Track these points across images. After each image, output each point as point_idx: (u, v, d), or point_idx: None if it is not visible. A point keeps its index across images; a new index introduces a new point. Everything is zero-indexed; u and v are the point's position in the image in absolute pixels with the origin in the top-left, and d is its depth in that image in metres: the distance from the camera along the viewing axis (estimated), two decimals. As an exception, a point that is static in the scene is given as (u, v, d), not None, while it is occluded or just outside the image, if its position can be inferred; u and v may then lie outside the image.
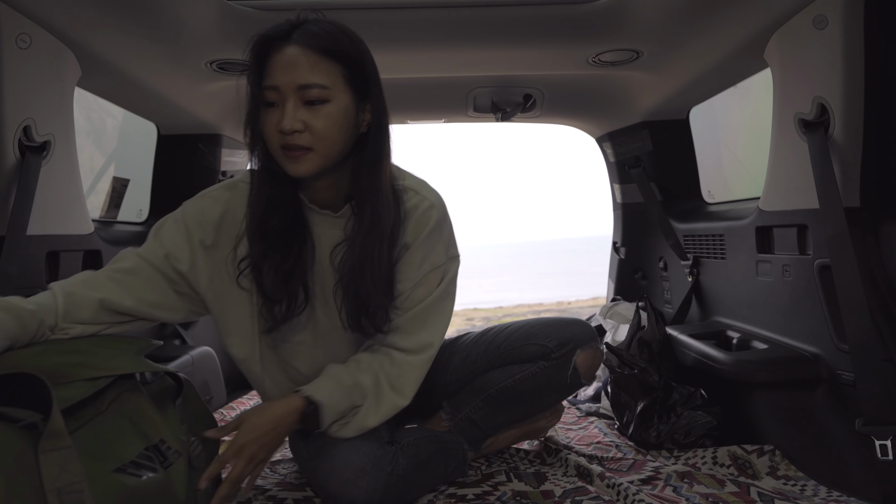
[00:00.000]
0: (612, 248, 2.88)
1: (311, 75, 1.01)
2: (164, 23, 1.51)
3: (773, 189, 1.62)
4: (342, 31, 1.06)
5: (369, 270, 1.09)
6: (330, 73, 1.03)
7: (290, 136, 1.02)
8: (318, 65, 1.02)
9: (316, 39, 1.02)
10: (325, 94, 1.02)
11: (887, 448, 1.13)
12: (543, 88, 2.25)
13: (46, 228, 1.45)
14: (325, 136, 1.03)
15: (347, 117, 1.06)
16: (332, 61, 1.03)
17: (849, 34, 1.29)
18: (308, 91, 1.02)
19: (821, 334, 1.44)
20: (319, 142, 1.03)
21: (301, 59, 1.01)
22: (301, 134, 1.02)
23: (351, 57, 1.05)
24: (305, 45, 1.02)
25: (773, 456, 1.41)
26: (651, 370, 1.65)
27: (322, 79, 1.02)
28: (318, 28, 1.04)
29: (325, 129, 1.03)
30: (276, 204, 1.11)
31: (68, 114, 1.54)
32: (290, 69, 1.01)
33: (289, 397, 1.09)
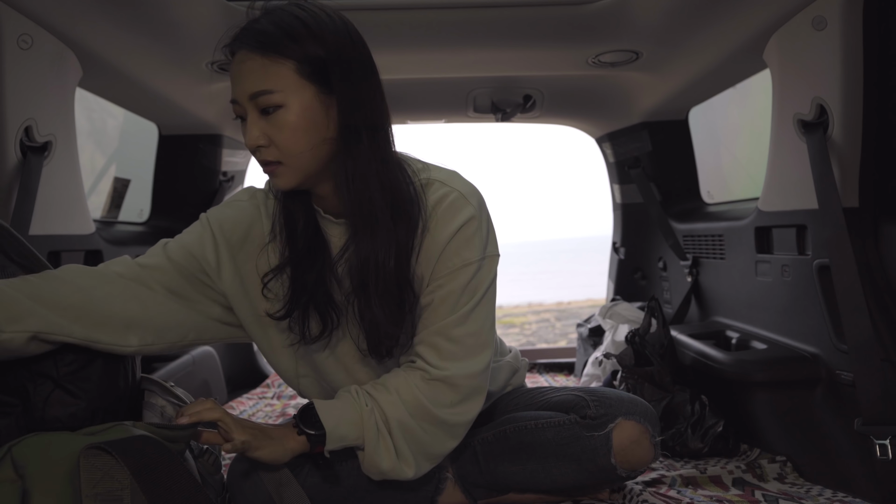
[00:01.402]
0: (611, 249, 2.88)
1: (258, 81, 0.88)
2: (164, 23, 1.52)
3: (772, 189, 1.62)
4: (294, 17, 0.90)
5: (371, 287, 0.96)
6: (278, 74, 0.88)
7: (258, 153, 0.92)
8: (265, 67, 0.88)
9: (260, 37, 0.88)
10: (274, 100, 0.88)
11: (886, 448, 1.14)
12: (543, 89, 2.26)
13: (48, 228, 1.46)
14: (288, 146, 0.90)
15: (311, 118, 0.90)
16: (278, 58, 0.88)
17: (848, 35, 1.29)
18: (258, 99, 0.89)
19: (820, 334, 1.45)
20: (285, 154, 0.91)
21: (248, 65, 0.89)
22: (267, 148, 0.91)
23: (301, 46, 0.88)
24: (250, 48, 0.89)
25: (784, 466, 1.41)
26: (665, 371, 1.65)
27: (268, 83, 0.88)
28: (267, 22, 0.90)
29: (286, 140, 0.90)
30: (293, 216, 1.02)
31: (69, 114, 1.55)
32: (241, 78, 0.90)
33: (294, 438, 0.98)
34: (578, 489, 1.19)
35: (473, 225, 0.99)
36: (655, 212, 2.40)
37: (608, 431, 1.11)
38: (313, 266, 1.01)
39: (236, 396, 2.34)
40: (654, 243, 2.56)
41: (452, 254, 0.98)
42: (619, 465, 1.11)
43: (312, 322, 1.02)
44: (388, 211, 0.94)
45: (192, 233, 1.05)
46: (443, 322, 0.98)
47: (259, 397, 2.34)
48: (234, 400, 2.25)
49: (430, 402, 0.97)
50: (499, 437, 1.16)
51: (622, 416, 1.11)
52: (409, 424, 0.97)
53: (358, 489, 1.10)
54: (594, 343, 2.35)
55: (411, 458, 0.98)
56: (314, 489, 1.08)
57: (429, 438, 0.99)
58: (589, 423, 1.12)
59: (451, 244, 0.98)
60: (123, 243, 1.91)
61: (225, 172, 2.50)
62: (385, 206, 0.94)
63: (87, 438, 0.78)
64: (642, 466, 1.14)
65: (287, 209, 1.01)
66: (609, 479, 1.15)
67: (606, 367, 2.00)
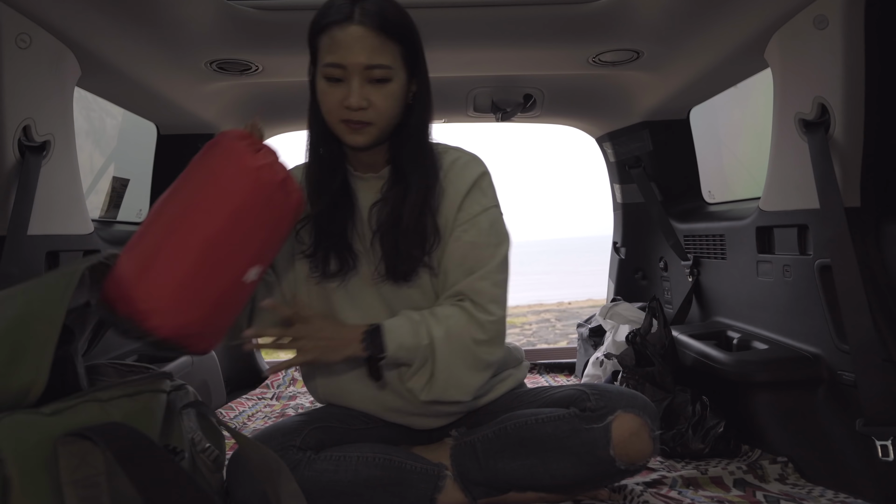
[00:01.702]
0: (612, 249, 2.88)
1: (376, 56, 1.06)
2: (164, 23, 1.51)
3: (773, 189, 1.62)
4: (399, 10, 1.11)
5: (403, 225, 1.14)
6: (392, 54, 1.08)
7: (354, 112, 1.08)
8: (382, 46, 1.07)
9: (379, 20, 1.06)
10: (388, 74, 1.08)
11: (888, 448, 1.13)
12: (543, 88, 2.25)
13: (46, 228, 1.45)
14: (385, 111, 1.10)
15: (403, 93, 1.13)
16: (393, 42, 1.08)
17: (849, 34, 1.29)
18: (373, 71, 1.07)
19: (821, 334, 1.44)
20: (380, 117, 1.10)
21: (367, 40, 1.06)
22: (365, 111, 1.08)
23: (408, 37, 1.11)
24: (370, 26, 1.06)
25: (786, 467, 1.40)
26: (666, 371, 1.64)
27: (386, 59, 1.07)
28: (377, 7, 1.07)
29: (386, 106, 1.10)
30: (327, 172, 1.19)
31: (68, 114, 1.54)
32: (356, 49, 1.05)
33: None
34: (578, 485, 1.20)
35: (487, 179, 1.21)
36: (656, 212, 2.39)
37: (607, 423, 1.13)
38: (335, 218, 1.18)
39: (235, 397, 2.33)
40: (655, 243, 2.56)
41: (473, 202, 1.18)
42: (618, 457, 1.12)
43: (332, 262, 1.19)
44: (423, 171, 1.16)
45: None
46: (487, 268, 1.16)
47: (258, 398, 2.34)
48: (233, 401, 2.25)
49: (472, 339, 1.12)
50: (499, 433, 1.18)
51: (621, 409, 1.14)
52: (449, 356, 1.12)
53: (356, 484, 1.10)
54: (595, 343, 2.34)
55: (443, 383, 1.13)
56: (312, 483, 1.08)
57: (461, 371, 1.13)
58: (588, 416, 1.14)
59: (470, 194, 1.18)
60: (122, 243, 1.90)
61: (224, 172, 2.49)
62: (423, 168, 1.16)
63: (58, 420, 0.77)
64: (641, 460, 1.15)
65: (323, 166, 1.18)
66: (608, 472, 1.15)
67: (607, 367, 2.00)
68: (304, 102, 1.19)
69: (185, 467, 0.93)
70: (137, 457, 0.73)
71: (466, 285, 1.15)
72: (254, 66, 1.84)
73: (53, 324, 0.82)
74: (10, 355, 0.79)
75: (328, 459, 1.11)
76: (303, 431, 1.14)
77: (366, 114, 1.08)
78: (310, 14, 1.56)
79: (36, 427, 0.74)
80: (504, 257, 1.19)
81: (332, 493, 1.10)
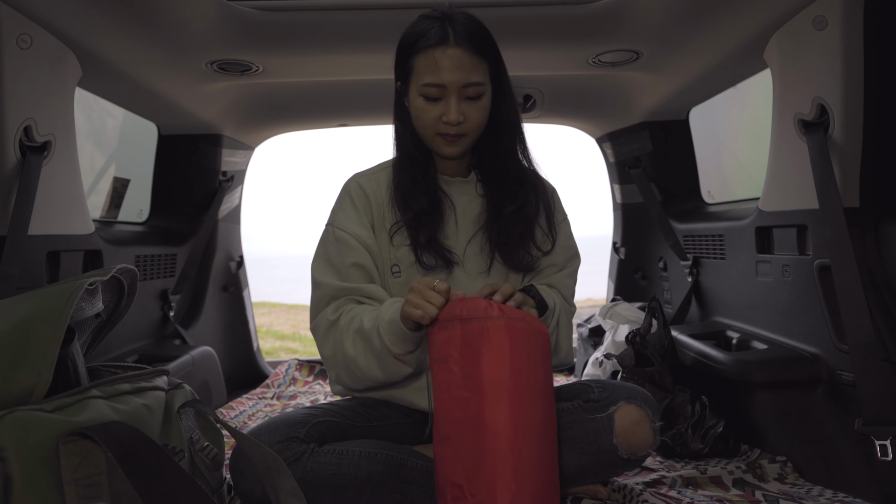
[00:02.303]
0: (612, 249, 2.88)
1: (472, 75, 1.16)
2: (164, 23, 1.52)
3: (772, 189, 1.62)
4: (483, 27, 1.20)
5: (511, 223, 1.26)
6: (484, 71, 1.18)
7: (452, 127, 1.18)
8: (477, 65, 1.16)
9: (472, 41, 1.16)
10: (482, 90, 1.18)
11: (887, 448, 1.13)
12: (543, 88, 2.25)
13: (47, 228, 1.45)
14: (478, 124, 1.21)
15: (489, 106, 1.23)
16: (484, 60, 1.18)
17: (848, 35, 1.29)
18: (469, 89, 1.17)
19: (820, 334, 1.44)
20: (473, 129, 1.21)
21: (465, 61, 1.15)
22: (462, 125, 1.18)
23: (495, 54, 1.22)
24: (466, 48, 1.15)
25: (785, 466, 1.41)
26: (665, 371, 1.65)
27: (480, 77, 1.17)
28: (468, 28, 1.17)
29: (479, 119, 1.20)
30: (419, 180, 1.26)
31: (69, 114, 1.54)
32: (455, 70, 1.15)
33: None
34: (581, 476, 1.22)
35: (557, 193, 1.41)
36: (656, 212, 2.39)
37: (610, 413, 1.17)
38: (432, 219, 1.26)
39: (236, 397, 2.34)
40: (655, 243, 2.56)
41: (558, 210, 1.36)
42: (621, 445, 1.16)
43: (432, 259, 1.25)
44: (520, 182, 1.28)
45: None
46: (572, 267, 1.36)
47: (259, 397, 2.34)
48: (233, 400, 2.25)
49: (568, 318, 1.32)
50: None
51: (624, 400, 1.19)
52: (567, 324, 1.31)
53: (358, 479, 1.11)
54: (594, 343, 2.35)
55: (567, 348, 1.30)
56: (315, 475, 1.09)
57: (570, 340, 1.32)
58: (592, 406, 1.20)
59: (555, 202, 1.37)
60: (123, 243, 1.91)
61: (224, 172, 2.50)
62: (528, 181, 1.29)
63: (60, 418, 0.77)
64: (643, 450, 1.18)
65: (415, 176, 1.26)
66: (610, 462, 1.19)
67: (607, 367, 2.00)
68: (304, 103, 1.20)
69: (185, 467, 0.93)
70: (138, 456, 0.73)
71: (557, 280, 1.32)
72: (254, 66, 1.84)
73: (57, 327, 0.83)
74: (14, 357, 0.79)
75: (331, 453, 1.12)
76: (307, 424, 1.15)
77: (461, 127, 1.19)
78: (310, 14, 1.58)
79: (38, 425, 0.75)
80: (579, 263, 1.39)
81: (335, 486, 1.10)
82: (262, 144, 2.70)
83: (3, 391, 0.77)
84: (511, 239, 1.27)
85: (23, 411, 0.75)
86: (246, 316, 2.83)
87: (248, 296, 2.90)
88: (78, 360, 0.97)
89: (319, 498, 1.08)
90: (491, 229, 1.28)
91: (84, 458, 0.73)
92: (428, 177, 1.28)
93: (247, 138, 2.57)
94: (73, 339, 0.97)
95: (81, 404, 0.83)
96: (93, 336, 1.13)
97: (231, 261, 2.75)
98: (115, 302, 1.13)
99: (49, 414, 0.78)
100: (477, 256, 1.28)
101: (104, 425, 0.78)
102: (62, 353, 0.91)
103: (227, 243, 2.69)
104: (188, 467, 0.94)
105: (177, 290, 2.26)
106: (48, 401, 0.80)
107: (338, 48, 1.74)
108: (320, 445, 1.13)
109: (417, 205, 1.25)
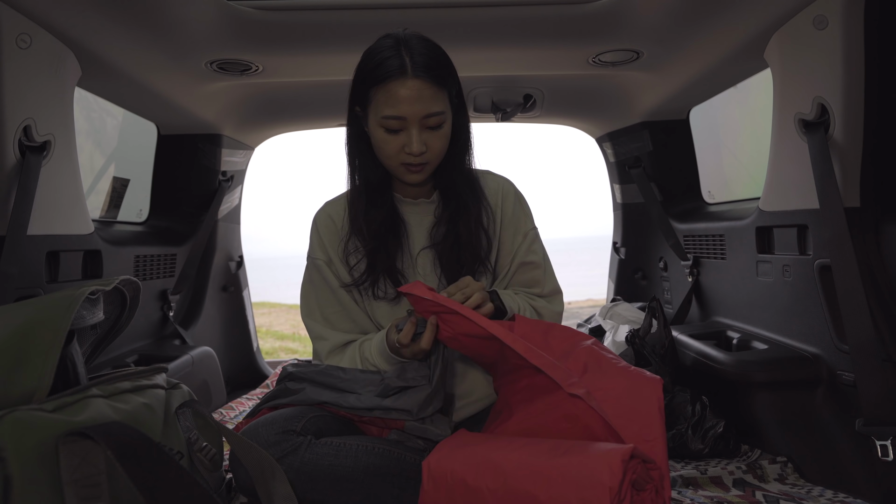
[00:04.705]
0: (612, 249, 2.88)
1: (433, 105, 1.16)
2: (164, 23, 1.51)
3: (773, 189, 1.62)
4: (440, 51, 1.20)
5: (462, 241, 1.28)
6: (444, 100, 1.18)
7: (416, 157, 1.18)
8: (437, 94, 1.16)
9: (431, 71, 1.15)
10: (442, 119, 1.19)
11: (888, 448, 1.13)
12: (543, 88, 2.25)
13: (47, 228, 1.45)
14: (440, 151, 1.22)
15: (450, 132, 1.23)
16: (443, 89, 1.18)
17: (849, 34, 1.29)
18: (430, 119, 1.17)
19: (821, 334, 1.44)
20: (436, 156, 1.22)
21: (424, 92, 1.14)
22: (425, 154, 1.19)
23: (453, 79, 1.21)
24: (425, 78, 1.14)
25: (785, 467, 1.41)
26: (663, 372, 1.65)
27: (441, 106, 1.17)
28: (426, 58, 1.16)
29: (441, 146, 1.21)
30: (376, 205, 1.29)
31: (68, 114, 1.54)
32: (415, 102, 1.14)
33: None
34: None
35: (519, 204, 1.38)
36: (656, 212, 2.39)
37: None
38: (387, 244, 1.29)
39: (236, 397, 2.33)
40: (655, 243, 2.56)
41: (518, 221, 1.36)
42: None
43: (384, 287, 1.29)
44: (473, 193, 1.30)
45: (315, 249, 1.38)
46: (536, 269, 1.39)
47: (259, 397, 2.34)
48: (233, 400, 2.25)
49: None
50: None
51: None
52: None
53: (356, 470, 1.11)
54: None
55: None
56: (313, 466, 1.09)
57: None
58: None
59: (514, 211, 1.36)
60: (122, 243, 1.91)
61: (224, 172, 2.50)
62: (472, 190, 1.31)
63: (60, 418, 0.77)
64: None
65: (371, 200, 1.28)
66: None
67: (607, 367, 2.00)
68: (304, 103, 1.21)
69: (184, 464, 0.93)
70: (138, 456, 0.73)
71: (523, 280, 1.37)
72: (254, 66, 1.84)
73: (57, 333, 0.83)
74: (15, 362, 0.79)
75: (328, 445, 1.12)
76: (304, 418, 1.16)
77: (424, 156, 1.19)
78: (310, 14, 1.58)
79: (38, 425, 0.74)
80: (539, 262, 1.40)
81: (333, 478, 1.10)
82: (262, 144, 2.70)
83: (4, 395, 0.77)
84: (460, 260, 1.29)
85: (23, 411, 0.75)
86: (246, 316, 2.83)
87: (248, 296, 2.90)
88: (77, 360, 0.97)
89: (318, 489, 1.08)
90: (443, 251, 1.30)
91: (84, 458, 0.73)
92: (385, 201, 1.30)
93: (246, 138, 2.57)
94: (72, 340, 0.96)
95: (82, 404, 0.83)
96: (92, 348, 1.13)
97: (231, 261, 2.74)
98: (116, 314, 1.13)
99: (49, 414, 0.77)
100: (432, 280, 1.32)
101: (104, 425, 0.78)
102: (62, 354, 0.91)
103: (226, 243, 2.68)
104: (186, 468, 0.94)
105: (176, 290, 2.26)
106: (48, 400, 0.80)
107: (338, 48, 1.74)
108: (317, 438, 1.13)
109: (371, 230, 1.27)
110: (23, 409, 0.75)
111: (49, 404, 0.79)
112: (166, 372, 1.07)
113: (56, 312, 0.85)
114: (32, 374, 0.79)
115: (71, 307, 0.86)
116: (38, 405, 0.78)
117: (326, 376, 1.23)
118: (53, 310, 0.85)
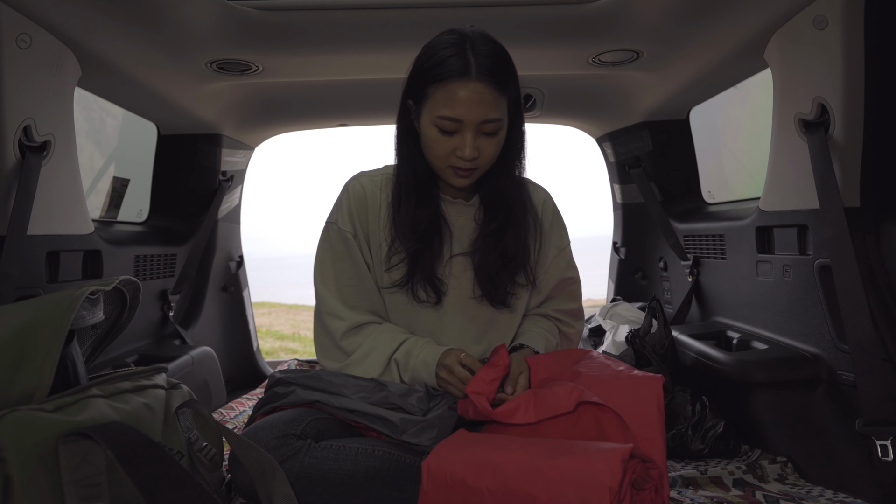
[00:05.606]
0: (612, 249, 2.88)
1: (492, 111, 1.11)
2: (164, 23, 1.51)
3: (773, 189, 1.62)
4: (505, 54, 1.15)
5: (510, 252, 1.26)
6: (503, 106, 1.14)
7: (465, 161, 1.14)
8: (497, 101, 1.12)
9: (494, 75, 1.10)
10: (499, 126, 1.14)
11: (888, 448, 1.13)
12: (543, 88, 2.25)
13: (47, 228, 1.45)
14: (492, 158, 1.18)
15: (505, 137, 1.19)
16: (504, 95, 1.13)
17: (849, 34, 1.29)
18: (487, 125, 1.12)
19: (821, 334, 1.44)
20: (486, 163, 1.18)
21: (486, 97, 1.10)
22: (475, 160, 1.15)
23: (515, 84, 1.16)
24: (488, 83, 1.10)
25: (785, 467, 1.41)
26: (663, 372, 1.64)
27: (500, 113, 1.13)
28: (491, 61, 1.11)
29: (493, 153, 1.17)
30: (423, 203, 1.25)
31: (68, 114, 1.54)
32: (475, 106, 1.10)
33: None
34: None
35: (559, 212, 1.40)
36: (656, 212, 2.39)
37: None
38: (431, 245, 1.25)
39: (236, 397, 2.33)
40: (655, 243, 2.56)
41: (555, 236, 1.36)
42: None
43: (423, 292, 1.27)
44: (520, 205, 1.26)
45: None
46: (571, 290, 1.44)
47: (259, 398, 2.33)
48: (233, 400, 2.25)
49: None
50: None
51: None
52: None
53: (356, 474, 1.10)
54: (594, 343, 2.34)
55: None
56: (313, 469, 1.08)
57: None
58: None
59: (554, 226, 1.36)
60: (122, 243, 1.91)
61: (224, 172, 2.50)
62: (520, 201, 1.27)
63: (60, 418, 0.77)
64: None
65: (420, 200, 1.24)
66: None
67: (607, 367, 2.00)
68: (304, 103, 1.21)
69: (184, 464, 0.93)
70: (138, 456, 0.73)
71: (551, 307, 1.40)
72: (254, 66, 1.84)
73: (58, 333, 0.83)
74: (15, 361, 0.79)
75: (328, 448, 1.11)
76: (304, 421, 1.15)
77: (475, 162, 1.15)
78: (310, 14, 1.58)
79: (38, 425, 0.74)
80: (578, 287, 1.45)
81: (333, 481, 1.09)
82: (262, 144, 2.70)
83: (4, 395, 0.77)
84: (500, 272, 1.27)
85: (23, 411, 0.75)
86: (246, 316, 2.83)
87: (248, 296, 2.90)
88: (77, 359, 0.97)
89: (317, 493, 1.08)
90: (484, 262, 1.27)
91: (84, 458, 0.73)
92: (431, 201, 1.26)
93: (247, 138, 2.57)
94: (72, 340, 0.96)
95: (82, 404, 0.83)
96: (92, 348, 1.13)
97: (231, 261, 2.74)
98: (116, 314, 1.13)
99: (49, 414, 0.77)
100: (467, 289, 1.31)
101: (104, 425, 0.78)
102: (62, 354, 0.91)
103: (226, 243, 2.68)
104: (186, 468, 0.94)
105: (176, 290, 2.26)
106: (48, 400, 0.80)
107: (338, 48, 1.74)
108: (317, 441, 1.13)
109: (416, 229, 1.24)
110: (23, 409, 0.75)
111: (49, 404, 0.79)
112: (166, 372, 1.07)
113: (56, 312, 0.85)
114: (32, 374, 0.79)
115: (71, 307, 0.86)
116: (39, 405, 0.78)
117: (316, 380, 1.22)
118: (53, 310, 0.86)
